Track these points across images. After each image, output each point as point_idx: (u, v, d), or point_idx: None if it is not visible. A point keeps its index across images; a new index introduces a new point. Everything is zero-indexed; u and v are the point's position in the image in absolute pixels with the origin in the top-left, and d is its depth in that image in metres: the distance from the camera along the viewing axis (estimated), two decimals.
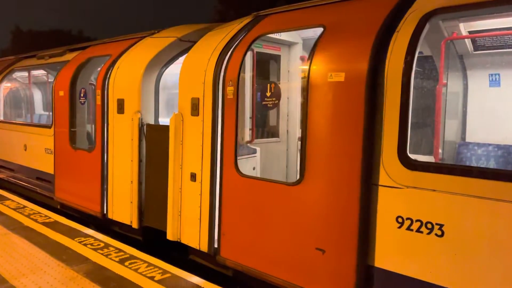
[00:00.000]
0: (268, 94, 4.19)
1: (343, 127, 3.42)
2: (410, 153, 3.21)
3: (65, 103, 7.16)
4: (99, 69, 7.52)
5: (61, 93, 7.31)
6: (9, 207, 7.22)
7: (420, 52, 3.60)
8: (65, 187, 7.23)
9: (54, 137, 7.53)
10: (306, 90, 3.63)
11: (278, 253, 3.98)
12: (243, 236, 4.30)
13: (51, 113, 7.55)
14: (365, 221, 3.36)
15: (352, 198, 3.38)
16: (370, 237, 3.40)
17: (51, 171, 7.50)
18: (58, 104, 7.44)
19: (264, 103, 4.29)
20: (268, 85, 4.22)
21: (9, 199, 7.87)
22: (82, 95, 6.91)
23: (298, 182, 3.77)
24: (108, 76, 6.27)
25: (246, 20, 4.89)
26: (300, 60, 6.58)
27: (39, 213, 6.89)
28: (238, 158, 5.20)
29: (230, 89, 4.26)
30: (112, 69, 5.99)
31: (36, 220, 6.44)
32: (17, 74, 9.49)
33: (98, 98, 6.47)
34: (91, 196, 6.50)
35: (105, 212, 6.22)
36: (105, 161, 6.26)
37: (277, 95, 4.22)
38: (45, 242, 5.45)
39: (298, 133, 5.29)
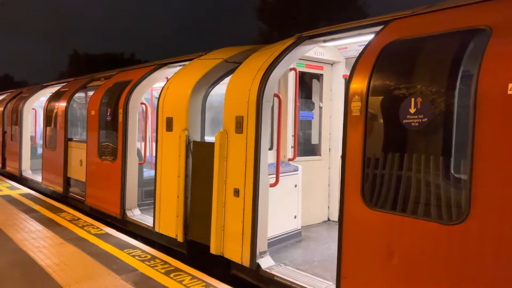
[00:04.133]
0: (413, 110, 3.34)
1: None
2: None
3: (95, 120, 8.17)
4: (149, 90, 8.03)
5: (93, 113, 8.32)
6: (65, 219, 7.69)
7: None
8: (93, 193, 8.41)
9: (86, 150, 8.53)
10: (472, 106, 2.97)
11: None
12: (374, 283, 3.55)
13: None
14: None
15: None
16: None
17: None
18: (90, 122, 8.46)
19: (405, 121, 3.35)
20: (413, 99, 3.32)
21: (65, 211, 8.38)
22: (108, 114, 7.82)
23: (460, 220, 3.04)
24: (128, 97, 7.23)
25: (289, 41, 5.04)
26: (342, 78, 6.66)
27: (92, 225, 7.29)
28: (281, 175, 5.30)
29: (356, 105, 3.69)
30: (162, 89, 6.34)
31: (89, 232, 6.82)
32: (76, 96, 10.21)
33: (120, 116, 7.32)
34: (113, 200, 7.50)
35: (123, 214, 7.33)
36: (125, 170, 7.25)
37: (426, 111, 3.24)
38: (97, 252, 5.76)
39: (340, 151, 5.27)
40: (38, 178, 11.51)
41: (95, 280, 4.78)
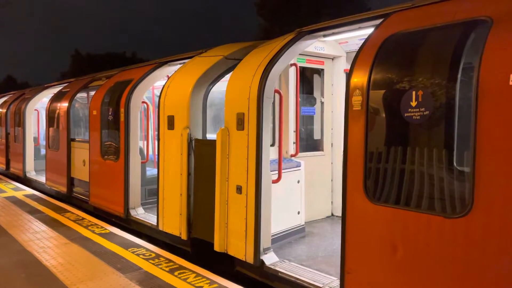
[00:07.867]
0: (414, 103, 3.30)
1: None
2: None
3: (97, 120, 8.17)
4: (150, 88, 8.03)
5: (95, 112, 8.31)
6: (69, 219, 7.72)
7: None
8: (97, 192, 8.40)
9: (89, 149, 8.52)
10: (474, 98, 2.92)
11: None
12: (378, 278, 3.54)
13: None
14: None
15: None
16: None
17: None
18: (92, 122, 8.45)
19: (407, 115, 3.31)
20: (414, 92, 3.27)
21: (69, 211, 8.41)
22: (110, 113, 7.82)
23: (463, 213, 3.00)
24: (130, 97, 7.23)
25: (289, 37, 5.01)
26: (344, 73, 6.62)
27: (96, 224, 7.31)
28: (283, 171, 5.29)
29: (357, 99, 3.67)
30: (163, 88, 6.33)
31: (93, 231, 6.84)
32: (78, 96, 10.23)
33: (122, 115, 7.30)
34: (116, 199, 7.52)
35: (127, 213, 7.33)
36: (128, 169, 7.25)
37: (427, 104, 3.19)
38: (101, 252, 5.78)
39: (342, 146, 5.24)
40: (42, 179, 11.56)
41: (100, 279, 4.79)
